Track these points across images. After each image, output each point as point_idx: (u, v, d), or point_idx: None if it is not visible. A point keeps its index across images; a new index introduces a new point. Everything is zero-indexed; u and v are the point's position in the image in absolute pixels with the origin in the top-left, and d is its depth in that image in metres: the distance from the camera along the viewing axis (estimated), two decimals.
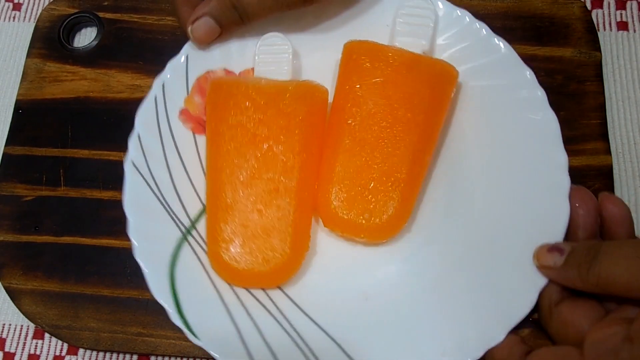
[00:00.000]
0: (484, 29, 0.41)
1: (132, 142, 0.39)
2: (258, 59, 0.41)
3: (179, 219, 0.39)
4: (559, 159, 0.37)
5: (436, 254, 0.39)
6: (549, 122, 0.38)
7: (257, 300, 0.38)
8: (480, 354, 0.35)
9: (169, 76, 0.41)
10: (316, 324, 0.37)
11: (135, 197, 0.38)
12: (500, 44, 0.40)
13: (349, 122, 0.39)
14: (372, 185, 0.38)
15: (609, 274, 0.31)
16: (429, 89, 0.39)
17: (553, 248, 0.35)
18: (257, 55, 0.41)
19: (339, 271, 0.39)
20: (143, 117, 0.40)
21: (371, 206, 0.38)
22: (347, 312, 0.38)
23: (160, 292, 0.37)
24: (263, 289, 0.38)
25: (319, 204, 0.39)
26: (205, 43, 0.41)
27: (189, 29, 0.40)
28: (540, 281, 0.35)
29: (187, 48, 0.41)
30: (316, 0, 0.40)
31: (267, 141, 0.38)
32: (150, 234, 0.38)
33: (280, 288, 0.38)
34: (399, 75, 0.39)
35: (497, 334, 0.35)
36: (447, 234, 0.39)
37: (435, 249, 0.39)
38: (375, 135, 0.38)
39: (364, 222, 0.38)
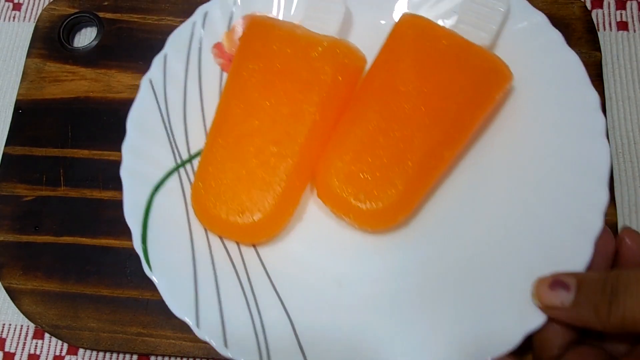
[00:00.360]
0: (558, 38, 0.37)
1: (156, 61, 0.39)
2: (307, 12, 0.39)
3: (177, 149, 0.38)
4: (599, 198, 0.33)
5: (427, 259, 0.36)
6: (599, 156, 0.34)
7: (227, 252, 0.36)
8: None
9: (214, 7, 0.40)
10: (278, 295, 0.35)
11: (141, 115, 0.38)
12: (573, 57, 0.37)
13: (375, 94, 0.36)
14: (378, 166, 0.35)
15: (636, 312, 0.27)
16: (472, 84, 0.35)
17: (556, 283, 0.30)
18: (307, 8, 0.39)
19: (319, 248, 0.37)
20: (175, 40, 0.39)
21: (369, 189, 0.35)
22: (315, 293, 0.35)
23: (132, 214, 0.36)
24: (237, 244, 0.37)
25: (317, 172, 0.36)
26: None
27: None
28: (531, 324, 0.31)
29: None
30: None
31: (283, 92, 0.36)
32: (143, 155, 0.37)
33: (254, 247, 0.37)
34: (444, 61, 0.36)
35: None
36: (447, 241, 0.36)
37: (427, 254, 0.36)
38: (398, 115, 0.35)
39: (356, 203, 0.35)
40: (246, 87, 0.37)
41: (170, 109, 0.38)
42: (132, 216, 0.36)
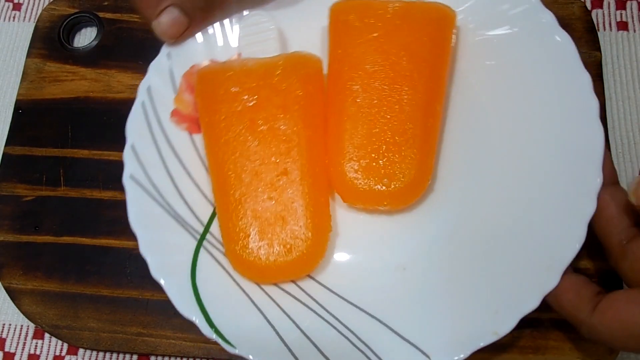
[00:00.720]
0: None
1: (127, 155, 0.37)
2: (243, 41, 0.39)
3: (191, 226, 0.37)
4: (581, 82, 0.35)
5: (467, 210, 0.37)
6: (565, 48, 0.36)
7: (289, 294, 0.36)
8: (538, 302, 0.32)
9: (153, 78, 0.39)
10: (355, 306, 0.35)
11: (140, 212, 0.36)
12: None
13: (349, 86, 0.37)
14: (386, 148, 0.36)
15: None
16: (428, 36, 0.37)
17: None
18: (241, 37, 0.39)
19: (368, 247, 0.37)
20: (134, 126, 0.38)
21: (389, 170, 0.36)
22: (385, 287, 0.36)
23: (186, 306, 0.35)
24: (293, 281, 0.36)
25: (333, 179, 0.37)
26: (174, 37, 0.39)
27: (153, 23, 0.37)
28: (586, 215, 0.33)
29: (167, 46, 0.40)
30: None
31: (266, 124, 0.36)
32: (163, 248, 0.36)
33: (310, 276, 0.36)
34: (393, 28, 0.37)
35: (551, 279, 0.33)
36: (475, 187, 0.37)
37: (465, 205, 0.37)
38: (379, 95, 0.36)
39: (384, 188, 0.35)
40: (228, 137, 0.37)
41: (163, 193, 0.37)
42: (189, 310, 0.35)
